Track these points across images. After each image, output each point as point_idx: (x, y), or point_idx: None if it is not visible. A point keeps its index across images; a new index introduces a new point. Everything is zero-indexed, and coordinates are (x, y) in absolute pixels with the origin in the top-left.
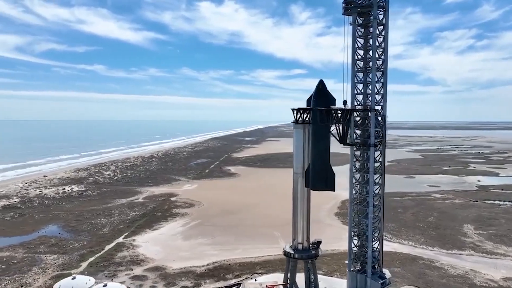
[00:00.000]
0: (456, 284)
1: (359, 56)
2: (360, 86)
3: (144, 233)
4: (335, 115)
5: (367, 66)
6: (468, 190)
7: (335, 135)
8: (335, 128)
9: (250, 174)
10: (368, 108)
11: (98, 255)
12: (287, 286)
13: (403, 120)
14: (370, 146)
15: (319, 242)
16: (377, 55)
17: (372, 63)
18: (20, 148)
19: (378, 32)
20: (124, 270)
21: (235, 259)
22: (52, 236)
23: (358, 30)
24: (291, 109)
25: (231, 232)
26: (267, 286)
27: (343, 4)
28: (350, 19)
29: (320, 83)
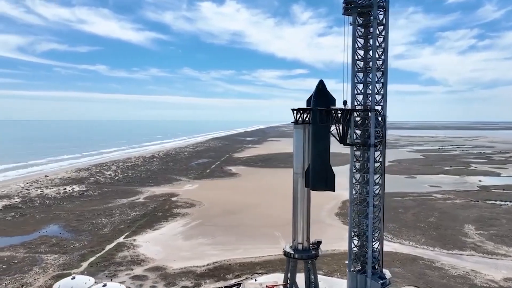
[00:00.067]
0: (456, 284)
1: (359, 56)
2: (360, 86)
3: (144, 233)
4: (335, 115)
5: (367, 66)
6: (469, 190)
7: (335, 135)
8: (335, 128)
9: (251, 174)
10: (368, 108)
11: (98, 255)
12: (287, 286)
13: (404, 120)
14: (370, 146)
15: (319, 242)
16: (377, 55)
17: (372, 63)
18: (22, 148)
19: (378, 32)
20: (124, 270)
21: (235, 259)
22: (53, 236)
23: (358, 30)
24: (291, 109)
25: (232, 232)
26: (267, 286)
27: (343, 4)
28: (350, 19)
29: (320, 83)
